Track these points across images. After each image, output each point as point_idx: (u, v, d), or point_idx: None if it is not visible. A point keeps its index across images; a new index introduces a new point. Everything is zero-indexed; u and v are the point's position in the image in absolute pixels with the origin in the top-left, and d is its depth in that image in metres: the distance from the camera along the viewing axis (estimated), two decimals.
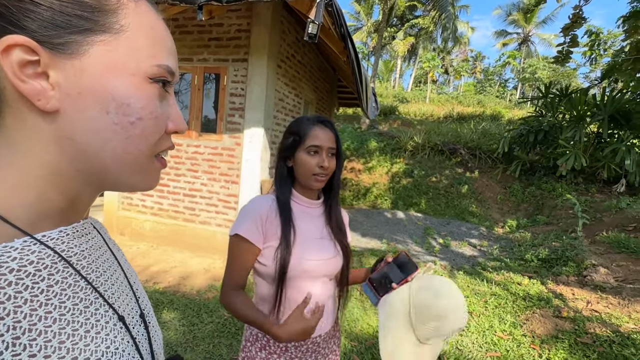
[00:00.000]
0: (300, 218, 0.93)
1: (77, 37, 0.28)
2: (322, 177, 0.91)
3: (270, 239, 0.88)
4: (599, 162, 6.57)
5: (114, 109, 0.30)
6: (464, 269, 3.99)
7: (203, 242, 3.80)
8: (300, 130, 0.92)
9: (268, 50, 3.46)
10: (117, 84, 0.29)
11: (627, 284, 3.28)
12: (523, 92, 29.92)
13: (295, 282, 0.89)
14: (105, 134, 0.30)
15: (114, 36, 0.29)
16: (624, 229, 4.82)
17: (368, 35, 25.76)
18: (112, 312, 0.35)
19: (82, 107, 0.28)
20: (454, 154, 9.13)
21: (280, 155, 0.95)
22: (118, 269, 0.41)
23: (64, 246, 0.32)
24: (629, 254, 3.95)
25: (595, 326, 2.59)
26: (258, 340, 0.94)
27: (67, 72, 0.28)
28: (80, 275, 0.33)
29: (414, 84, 31.95)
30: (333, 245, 0.96)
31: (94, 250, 0.37)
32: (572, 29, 5.24)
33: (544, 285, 3.43)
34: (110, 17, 0.29)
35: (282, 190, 0.94)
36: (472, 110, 16.77)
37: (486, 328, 2.63)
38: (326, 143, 0.91)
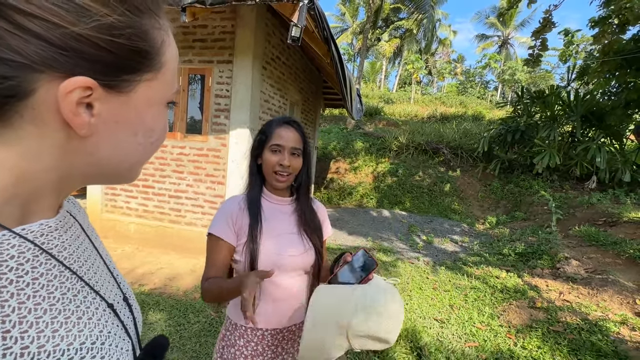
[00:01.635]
0: (270, 214, 0.98)
1: (130, 77, 0.29)
2: (282, 176, 0.95)
3: (242, 236, 0.93)
4: (572, 160, 6.89)
5: (142, 133, 0.33)
6: (446, 264, 4.13)
7: (189, 243, 3.79)
8: (267, 129, 0.97)
9: (253, 51, 3.49)
10: (150, 114, 0.33)
11: (596, 274, 3.48)
12: (503, 93, 30.85)
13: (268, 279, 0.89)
14: (128, 151, 0.33)
15: (156, 74, 0.32)
16: (594, 223, 5.09)
17: (354, 37, 25.98)
18: (100, 299, 0.36)
19: (114, 132, 0.31)
20: (437, 154, 9.36)
21: (251, 153, 1.00)
22: (97, 256, 0.41)
23: (44, 239, 0.32)
24: (599, 247, 4.18)
25: (566, 315, 2.75)
26: (237, 329, 0.98)
27: (112, 105, 0.29)
28: (64, 265, 0.33)
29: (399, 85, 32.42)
30: (304, 241, 0.99)
31: (73, 240, 0.37)
32: (542, 32, 5.49)
33: (520, 278, 3.59)
34: (156, 58, 0.31)
35: (251, 187, 0.99)
36: (455, 111, 17.18)
37: (466, 320, 2.75)
38: (289, 143, 0.95)
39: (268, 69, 3.98)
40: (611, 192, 6.22)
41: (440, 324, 2.68)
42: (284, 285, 0.96)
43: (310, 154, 1.02)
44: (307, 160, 1.01)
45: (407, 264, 4.04)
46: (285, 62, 4.53)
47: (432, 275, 3.72)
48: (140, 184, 3.94)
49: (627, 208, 5.21)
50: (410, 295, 3.16)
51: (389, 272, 3.73)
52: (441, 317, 2.79)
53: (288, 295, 0.97)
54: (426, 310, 2.87)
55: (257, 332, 0.97)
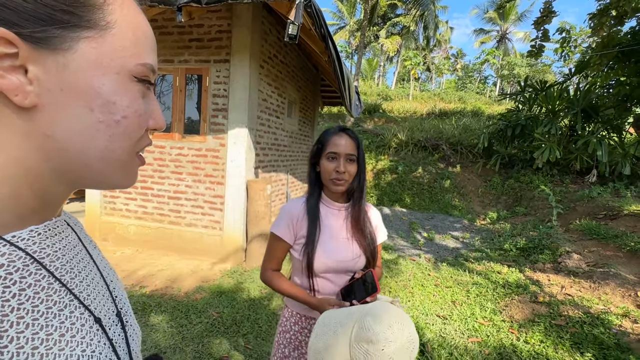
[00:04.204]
0: (327, 219, 1.07)
1: (61, 32, 0.26)
2: (339, 181, 1.03)
3: (299, 237, 1.06)
4: (572, 154, 6.88)
5: (99, 107, 0.29)
6: (448, 260, 4.12)
7: (190, 244, 3.78)
8: (323, 138, 1.06)
9: (250, 50, 3.47)
10: (103, 82, 0.29)
11: (597, 268, 3.48)
12: (502, 88, 30.77)
13: (322, 275, 1.04)
14: (89, 132, 0.29)
15: (100, 33, 0.28)
16: (595, 217, 5.08)
17: (351, 34, 25.90)
18: (88, 313, 0.34)
19: (64, 103, 0.27)
20: (437, 150, 9.35)
21: (310, 162, 1.09)
22: (94, 268, 0.39)
23: (36, 247, 0.30)
24: (599, 240, 4.17)
25: (568, 309, 2.75)
26: (293, 316, 1.11)
27: (49, 67, 0.26)
28: (53, 277, 0.31)
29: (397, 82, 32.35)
30: (356, 246, 1.07)
31: (68, 250, 0.35)
32: (543, 23, 5.46)
33: (522, 273, 3.59)
34: (96, 13, 0.28)
35: (311, 193, 1.09)
36: (454, 107, 17.14)
37: (468, 315, 2.75)
38: (344, 150, 1.02)
39: (265, 68, 3.97)
40: (611, 186, 6.21)
41: (442, 320, 2.68)
42: (337, 283, 1.06)
43: (364, 160, 1.09)
44: (362, 166, 1.07)
45: (408, 261, 4.04)
46: (282, 60, 4.51)
47: (434, 272, 3.71)
48: (139, 186, 3.93)
49: (628, 201, 5.21)
50: (413, 292, 3.16)
51: (391, 270, 3.73)
52: (443, 313, 2.78)
53: None
54: (428, 307, 2.87)
55: (311, 321, 1.09)
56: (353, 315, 0.83)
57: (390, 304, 0.87)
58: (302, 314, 1.09)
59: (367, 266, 1.08)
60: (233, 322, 2.44)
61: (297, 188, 5.94)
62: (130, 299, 2.66)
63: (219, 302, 2.73)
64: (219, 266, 3.54)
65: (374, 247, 1.09)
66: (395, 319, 0.79)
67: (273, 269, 1.10)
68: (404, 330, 0.78)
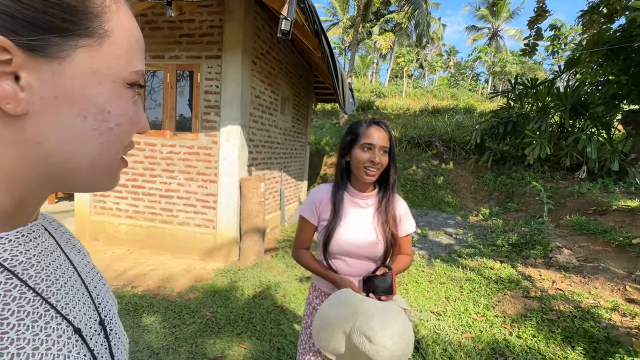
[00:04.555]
0: (350, 207, 1.14)
1: (58, 40, 0.26)
2: (372, 171, 1.08)
3: (323, 219, 1.15)
4: (563, 150, 6.98)
5: (93, 115, 0.28)
6: (441, 257, 4.15)
7: (182, 243, 3.74)
8: (357, 130, 1.10)
9: (242, 46, 3.42)
10: (98, 90, 0.28)
11: (587, 263, 3.54)
12: (494, 85, 31.06)
13: (339, 257, 1.14)
14: (82, 140, 0.28)
15: (97, 41, 0.28)
16: (584, 212, 5.17)
17: (344, 31, 25.81)
18: (66, 323, 0.32)
19: (57, 111, 0.27)
20: (430, 147, 9.40)
21: (340, 152, 1.14)
22: (74, 274, 0.38)
23: (7, 254, 0.29)
24: (589, 235, 4.24)
25: (559, 303, 2.79)
26: (315, 290, 1.25)
27: (44, 75, 0.26)
28: (27, 285, 0.30)
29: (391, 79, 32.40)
30: (376, 232, 1.14)
31: (44, 257, 0.33)
32: (536, 22, 5.51)
33: (514, 269, 3.63)
34: (95, 21, 0.28)
35: (338, 183, 1.15)
36: (447, 104, 17.25)
37: (462, 311, 2.77)
38: (379, 142, 1.07)
39: (258, 64, 3.92)
40: (601, 182, 6.32)
41: (436, 316, 2.70)
42: (354, 266, 1.14)
43: (395, 153, 1.15)
44: (393, 158, 1.13)
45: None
46: (275, 56, 4.46)
47: (428, 269, 3.73)
48: (129, 185, 3.86)
49: (616, 197, 5.30)
50: (407, 289, 3.17)
51: None
52: (437, 309, 2.80)
53: (356, 274, 1.15)
54: (422, 303, 2.88)
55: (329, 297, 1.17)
56: (365, 305, 0.93)
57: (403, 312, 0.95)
58: (323, 291, 1.21)
59: (386, 254, 1.15)
60: (227, 321, 2.42)
61: (291, 185, 5.91)
62: (122, 300, 2.62)
63: (213, 301, 2.70)
64: (212, 265, 3.50)
65: (394, 237, 1.15)
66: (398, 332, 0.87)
67: (302, 248, 1.21)
68: (402, 344, 0.86)
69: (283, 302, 2.78)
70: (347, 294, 0.99)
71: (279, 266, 3.59)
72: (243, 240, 3.64)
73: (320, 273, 1.15)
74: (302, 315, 1.29)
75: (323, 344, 0.94)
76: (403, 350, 0.86)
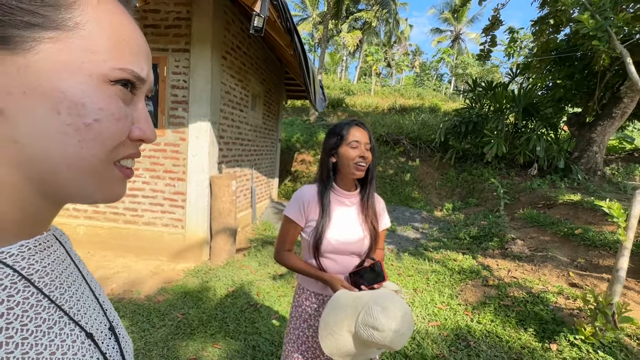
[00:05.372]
0: (335, 206, 1.18)
1: (20, 32, 0.25)
2: (362, 166, 1.14)
3: (310, 220, 1.17)
4: (517, 149, 7.53)
5: (66, 109, 0.27)
6: (409, 250, 4.35)
7: (148, 244, 3.58)
8: (341, 131, 1.15)
9: (212, 40, 3.33)
10: (70, 83, 0.27)
11: (537, 252, 3.88)
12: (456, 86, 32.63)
13: (329, 255, 1.17)
14: (56, 136, 0.27)
15: (66, 34, 0.26)
16: (535, 206, 5.64)
17: (314, 27, 25.75)
18: (79, 329, 0.33)
19: (28, 107, 0.26)
20: (398, 144, 9.72)
21: (326, 153, 1.18)
22: (83, 282, 0.39)
23: (24, 263, 0.30)
24: (539, 227, 4.65)
25: (514, 290, 3.04)
26: (304, 293, 1.25)
27: (8, 69, 0.25)
28: (42, 293, 0.31)
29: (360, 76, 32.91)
30: (362, 228, 1.19)
31: (57, 265, 0.35)
32: (491, 30, 5.89)
33: (474, 260, 3.89)
34: (62, 13, 0.26)
35: (324, 182, 1.18)
36: (413, 103, 17.87)
37: (428, 301, 2.93)
38: (364, 139, 1.14)
39: (228, 59, 3.83)
40: (549, 178, 6.92)
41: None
42: (342, 263, 1.19)
43: (375, 150, 1.20)
44: (374, 155, 1.19)
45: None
46: (245, 52, 4.38)
47: (397, 262, 3.89)
48: None
49: (562, 192, 5.84)
50: None
51: None
52: (406, 301, 2.94)
53: (344, 271, 1.19)
54: None
55: (319, 297, 1.22)
56: (362, 299, 0.98)
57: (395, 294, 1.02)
58: (312, 291, 1.23)
59: (370, 249, 1.21)
60: (200, 322, 2.37)
61: (262, 183, 5.86)
62: None
63: (184, 303, 2.63)
64: (182, 266, 3.40)
65: (376, 231, 1.22)
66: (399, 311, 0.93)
67: (286, 250, 1.22)
68: (405, 321, 0.93)
69: (257, 300, 2.78)
70: (342, 296, 1.02)
71: (251, 265, 3.57)
72: (214, 239, 3.57)
73: (310, 274, 1.17)
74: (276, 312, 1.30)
75: (334, 350, 0.97)
76: (407, 326, 0.94)
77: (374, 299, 0.96)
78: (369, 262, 1.15)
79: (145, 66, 0.32)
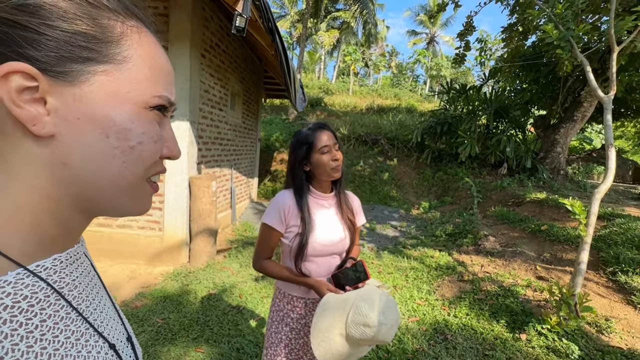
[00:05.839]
0: (315, 209, 1.19)
1: (79, 67, 0.28)
2: (337, 168, 1.16)
3: (291, 226, 1.16)
4: (488, 149, 7.90)
5: (115, 134, 0.30)
6: (388, 248, 4.46)
7: (123, 247, 3.45)
8: (308, 139, 1.15)
9: (190, 38, 3.25)
10: (119, 111, 0.30)
11: (507, 248, 4.11)
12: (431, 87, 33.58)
13: (311, 259, 1.17)
14: (104, 158, 0.30)
15: (116, 67, 0.30)
16: (505, 204, 5.95)
17: (292, 25, 25.61)
18: (103, 340, 0.35)
19: (80, 132, 0.29)
20: (376, 144, 9.89)
21: (298, 163, 1.17)
22: (105, 293, 0.41)
23: (56, 276, 0.32)
24: (509, 224, 4.91)
25: (487, 284, 3.21)
26: (285, 297, 1.24)
27: (66, 98, 0.28)
28: (71, 306, 0.33)
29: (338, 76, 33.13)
30: (342, 227, 1.21)
31: (83, 278, 0.37)
32: (465, 35, 6.15)
33: (450, 256, 4.06)
34: (113, 48, 0.30)
35: (301, 190, 1.17)
36: (390, 103, 18.23)
37: (408, 298, 3.03)
38: (332, 141, 1.16)
39: (207, 57, 3.75)
40: (518, 177, 7.31)
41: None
42: (323, 265, 1.19)
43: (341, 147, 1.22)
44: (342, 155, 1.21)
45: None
46: (225, 50, 4.31)
47: (377, 260, 3.99)
48: None
49: (530, 190, 6.20)
50: None
51: None
52: (390, 293, 3.02)
53: (326, 272, 1.20)
54: None
55: (301, 300, 1.22)
56: (349, 300, 1.01)
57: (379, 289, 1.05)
58: (293, 295, 1.22)
59: (350, 247, 1.23)
60: (181, 327, 2.33)
61: (242, 183, 5.78)
62: None
63: (164, 307, 2.57)
64: (160, 269, 3.31)
65: (355, 227, 1.24)
66: (386, 304, 0.98)
67: (266, 258, 1.20)
68: (392, 314, 0.97)
69: (239, 302, 2.76)
70: (329, 300, 1.04)
71: (232, 266, 3.53)
72: (194, 241, 3.49)
73: (293, 280, 1.16)
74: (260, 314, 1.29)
75: (327, 356, 0.98)
76: (395, 318, 0.98)
77: (361, 297, 1.00)
78: (351, 262, 1.17)
79: (174, 91, 0.36)
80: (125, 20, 0.31)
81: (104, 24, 0.29)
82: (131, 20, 0.32)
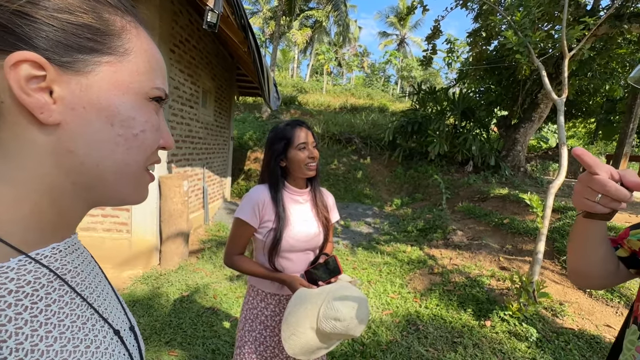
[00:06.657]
0: (290, 205, 1.19)
1: (84, 57, 0.29)
2: (313, 165, 1.17)
3: (266, 221, 1.15)
4: (456, 148, 8.26)
5: (119, 122, 0.31)
6: (363, 245, 4.55)
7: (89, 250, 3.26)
8: (286, 134, 1.16)
9: (159, 32, 3.13)
10: (123, 100, 0.31)
11: (474, 241, 4.34)
12: (402, 87, 34.52)
13: (285, 255, 1.17)
14: (108, 146, 0.31)
15: (119, 58, 0.31)
16: (472, 199, 6.27)
17: (264, 22, 25.27)
18: (108, 326, 0.36)
19: (86, 120, 0.30)
20: (350, 143, 10.03)
21: (274, 158, 1.16)
22: (107, 283, 0.42)
23: (58, 264, 0.32)
24: (475, 218, 5.18)
25: (455, 276, 3.37)
26: (259, 294, 1.23)
27: (73, 87, 0.29)
28: (75, 292, 0.33)
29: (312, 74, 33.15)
30: (317, 223, 1.22)
31: (85, 266, 0.37)
32: (432, 38, 6.40)
33: (421, 250, 4.22)
34: (115, 41, 0.31)
35: (276, 185, 1.17)
36: (363, 102, 18.53)
37: (381, 292, 3.12)
38: (309, 139, 1.17)
39: (177, 53, 3.63)
40: (482, 174, 7.72)
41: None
42: (297, 261, 1.20)
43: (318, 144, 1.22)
44: None
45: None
46: (195, 45, 4.18)
47: (351, 257, 4.06)
48: None
49: (493, 186, 6.57)
50: None
51: None
52: (361, 289, 3.09)
53: (300, 268, 1.20)
54: None
55: (275, 297, 1.22)
56: (321, 294, 1.03)
57: (350, 284, 1.08)
58: (267, 292, 1.22)
59: (324, 242, 1.25)
60: (152, 331, 2.25)
61: (215, 182, 5.65)
62: None
63: (133, 312, 2.47)
64: (129, 273, 3.17)
65: (329, 223, 1.26)
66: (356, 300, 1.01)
67: (238, 253, 1.19)
68: (362, 309, 1.00)
69: (214, 303, 2.71)
70: (301, 294, 1.05)
71: (205, 267, 3.45)
72: (165, 243, 3.38)
73: (266, 276, 1.15)
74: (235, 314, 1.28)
75: (297, 350, 0.99)
76: (364, 313, 1.02)
77: (333, 292, 1.03)
78: (323, 258, 1.19)
79: (167, 83, 0.37)
80: (124, 16, 0.32)
81: (106, 17, 0.31)
82: (128, 16, 0.33)
